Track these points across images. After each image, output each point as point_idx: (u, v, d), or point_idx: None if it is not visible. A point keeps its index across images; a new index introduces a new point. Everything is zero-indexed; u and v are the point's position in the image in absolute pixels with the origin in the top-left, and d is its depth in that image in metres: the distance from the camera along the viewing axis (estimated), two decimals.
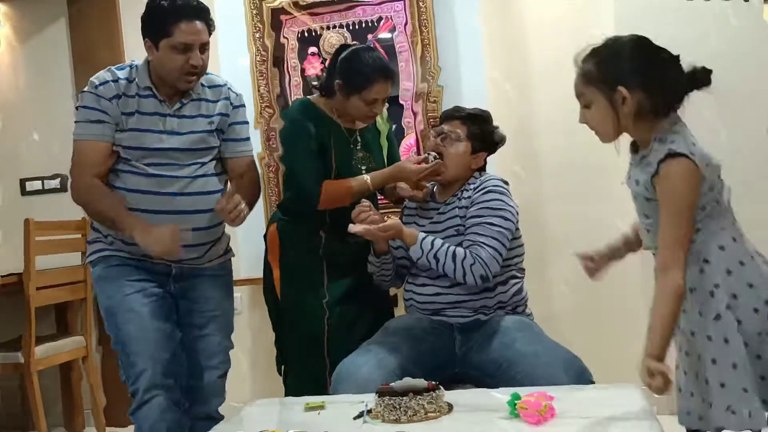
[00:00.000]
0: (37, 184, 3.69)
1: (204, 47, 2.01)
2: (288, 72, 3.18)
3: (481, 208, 2.07)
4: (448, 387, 1.71)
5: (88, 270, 3.41)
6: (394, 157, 2.45)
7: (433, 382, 1.61)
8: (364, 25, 3.12)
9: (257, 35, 3.18)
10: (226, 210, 1.95)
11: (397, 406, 1.53)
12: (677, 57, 1.45)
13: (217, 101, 2.12)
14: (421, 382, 1.60)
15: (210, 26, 2.03)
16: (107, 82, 2.04)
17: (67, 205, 3.67)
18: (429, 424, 1.50)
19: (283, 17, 3.18)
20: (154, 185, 2.01)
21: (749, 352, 1.35)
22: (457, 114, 2.20)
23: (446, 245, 2.02)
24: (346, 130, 2.30)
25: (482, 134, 2.18)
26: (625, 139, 1.55)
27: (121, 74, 2.06)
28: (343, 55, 2.23)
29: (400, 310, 2.40)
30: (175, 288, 2.10)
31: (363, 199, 2.13)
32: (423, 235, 2.04)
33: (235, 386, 2.22)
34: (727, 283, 1.36)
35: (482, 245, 2.00)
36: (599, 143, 3.37)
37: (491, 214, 2.04)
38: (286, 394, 2.28)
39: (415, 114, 3.09)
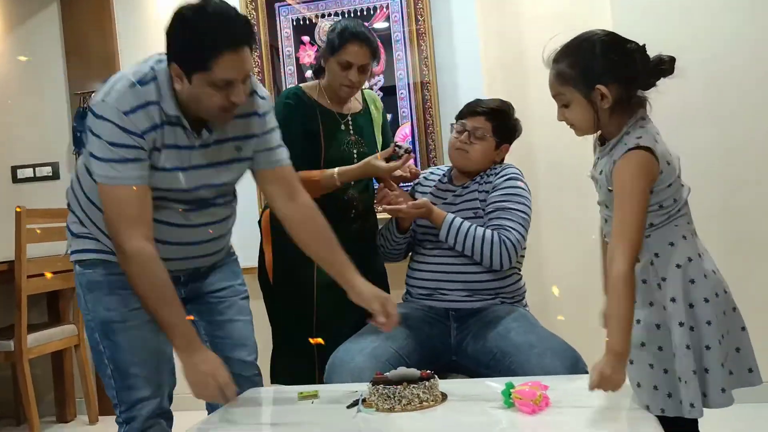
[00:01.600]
0: (28, 172, 3.67)
1: (248, 76, 1.62)
2: (282, 60, 3.17)
3: (504, 194, 2.11)
4: (443, 376, 1.72)
5: None
6: (386, 144, 2.45)
7: (427, 372, 1.61)
8: (359, 13, 3.10)
9: (252, 23, 3.17)
10: None
11: (391, 395, 1.52)
12: (644, 47, 1.49)
13: (244, 116, 1.72)
14: (415, 372, 1.60)
15: (254, 46, 1.63)
16: (137, 109, 1.57)
17: (58, 192, 3.69)
18: (423, 413, 1.50)
19: (277, 5, 3.16)
20: (181, 219, 1.71)
21: (693, 338, 1.40)
22: (480, 110, 2.20)
23: (474, 226, 2.06)
24: (338, 114, 2.31)
25: (506, 128, 2.22)
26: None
27: (148, 94, 1.59)
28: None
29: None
30: (185, 292, 1.81)
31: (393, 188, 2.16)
32: (451, 215, 2.07)
33: None
34: (675, 276, 1.42)
35: (510, 229, 2.05)
36: (593, 137, 3.39)
37: (515, 200, 2.10)
38: (273, 375, 2.32)
39: (410, 104, 3.08)
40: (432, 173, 2.35)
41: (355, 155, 2.27)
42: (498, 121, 2.18)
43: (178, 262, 1.76)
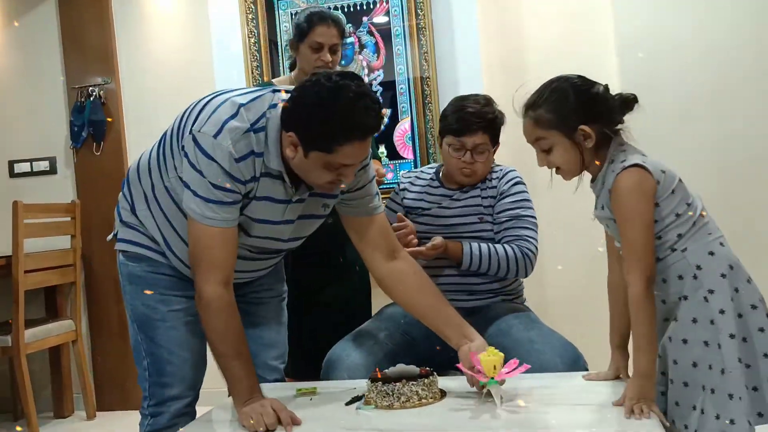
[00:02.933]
0: (25, 166, 3.65)
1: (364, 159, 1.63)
2: (281, 54, 3.15)
3: (514, 200, 2.09)
4: (442, 373, 1.71)
5: (78, 253, 3.42)
6: None
7: (427, 369, 1.60)
8: (359, 7, 3.09)
9: (250, 16, 3.15)
10: None
11: (390, 393, 1.52)
12: (607, 86, 1.54)
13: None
14: (414, 369, 1.59)
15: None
16: (246, 157, 1.52)
17: (56, 187, 3.69)
18: (422, 410, 1.49)
19: None
20: (249, 254, 1.69)
21: (748, 349, 1.37)
22: (477, 125, 2.06)
23: (493, 250, 2.02)
24: None
25: (500, 131, 2.14)
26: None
27: (258, 144, 1.53)
28: None
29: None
30: None
31: (402, 221, 2.07)
32: (467, 246, 2.03)
33: None
34: (722, 287, 1.40)
35: (528, 239, 2.05)
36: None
37: (525, 206, 2.09)
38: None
39: (410, 99, 3.07)
40: (418, 177, 2.26)
41: None
42: (493, 129, 2.10)
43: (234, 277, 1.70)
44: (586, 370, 1.83)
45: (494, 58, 3.15)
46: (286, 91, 1.56)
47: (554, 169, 1.56)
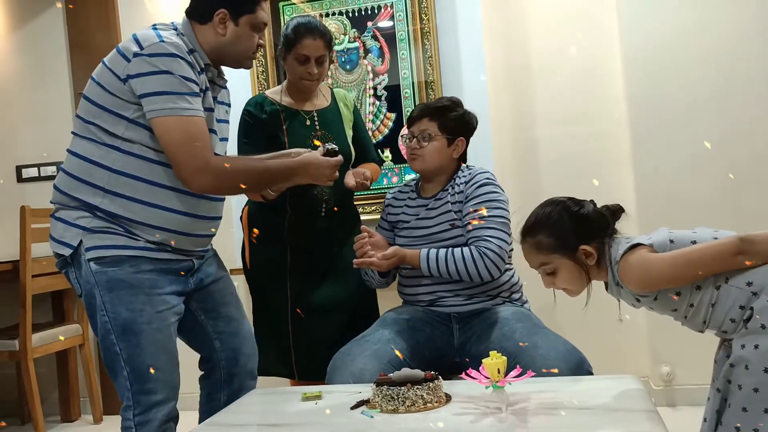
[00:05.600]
0: (33, 171, 3.68)
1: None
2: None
3: (479, 202, 2.07)
4: (447, 377, 1.71)
5: None
6: (362, 142, 2.46)
7: (432, 373, 1.60)
8: (363, 12, 3.10)
9: None
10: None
11: (395, 396, 1.52)
12: (593, 201, 1.63)
13: (226, 88, 1.95)
14: (419, 373, 1.59)
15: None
16: (190, 52, 1.73)
17: None
18: (427, 414, 1.49)
19: (281, 4, 3.16)
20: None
21: None
22: (423, 113, 2.17)
23: (450, 252, 2.02)
24: (302, 111, 2.36)
25: (453, 123, 2.16)
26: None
27: (188, 42, 1.77)
28: None
29: (388, 300, 2.39)
30: (192, 282, 1.84)
31: (364, 229, 2.12)
32: (424, 251, 2.05)
33: None
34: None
35: (489, 239, 2.01)
36: (598, 134, 3.37)
37: (490, 206, 2.06)
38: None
39: (414, 103, 3.07)
40: (400, 191, 2.30)
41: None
42: (441, 118, 2.15)
43: (203, 239, 1.84)
44: (591, 374, 1.84)
45: (498, 62, 3.15)
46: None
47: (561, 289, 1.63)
